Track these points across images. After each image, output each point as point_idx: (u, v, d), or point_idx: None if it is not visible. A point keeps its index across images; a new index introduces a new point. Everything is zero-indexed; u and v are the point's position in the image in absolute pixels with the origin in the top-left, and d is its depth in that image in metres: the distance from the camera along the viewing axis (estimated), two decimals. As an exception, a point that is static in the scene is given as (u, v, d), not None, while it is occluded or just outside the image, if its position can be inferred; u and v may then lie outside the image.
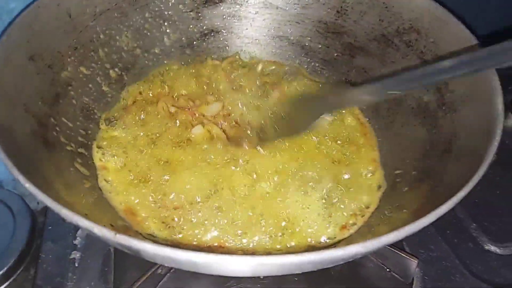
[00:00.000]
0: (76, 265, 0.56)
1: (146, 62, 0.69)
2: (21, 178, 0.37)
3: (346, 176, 0.58)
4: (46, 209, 0.98)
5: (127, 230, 0.51)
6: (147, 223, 0.53)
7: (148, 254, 0.34)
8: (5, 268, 0.81)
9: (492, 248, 0.61)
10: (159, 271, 0.52)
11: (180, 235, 0.52)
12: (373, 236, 0.35)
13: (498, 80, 0.49)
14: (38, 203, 0.99)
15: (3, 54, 0.49)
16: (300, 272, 0.45)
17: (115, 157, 0.58)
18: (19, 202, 0.90)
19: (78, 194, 0.50)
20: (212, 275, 0.54)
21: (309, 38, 0.72)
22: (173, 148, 0.59)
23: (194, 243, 0.51)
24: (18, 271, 0.85)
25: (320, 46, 0.72)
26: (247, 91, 0.66)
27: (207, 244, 0.51)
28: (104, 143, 0.60)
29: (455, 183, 0.41)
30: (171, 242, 0.51)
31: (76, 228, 0.60)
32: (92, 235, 0.36)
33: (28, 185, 0.37)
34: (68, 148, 0.54)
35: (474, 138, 0.48)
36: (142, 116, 0.63)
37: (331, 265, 0.40)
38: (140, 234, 0.51)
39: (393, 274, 0.56)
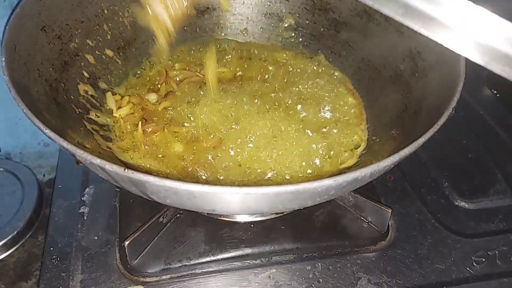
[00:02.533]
0: (85, 218, 0.62)
1: (146, 38, 0.75)
2: (41, 126, 0.42)
3: (334, 131, 0.65)
4: (52, 180, 1.04)
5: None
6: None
7: (152, 186, 0.40)
8: (15, 232, 0.88)
9: (462, 204, 0.67)
10: (161, 219, 0.58)
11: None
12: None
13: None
14: (44, 175, 1.05)
15: (18, 24, 0.54)
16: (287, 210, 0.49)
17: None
18: (27, 172, 0.96)
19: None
20: (208, 223, 0.61)
21: (297, 15, 0.78)
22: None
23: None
24: (27, 237, 0.91)
25: (307, 22, 0.77)
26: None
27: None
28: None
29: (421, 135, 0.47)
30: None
31: (84, 185, 0.66)
32: (103, 173, 0.42)
33: (47, 131, 0.42)
34: (77, 111, 0.60)
35: (440, 99, 0.53)
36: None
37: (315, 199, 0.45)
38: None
39: (370, 224, 0.62)
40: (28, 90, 0.50)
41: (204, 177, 0.58)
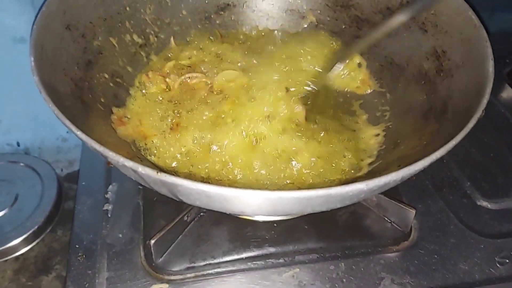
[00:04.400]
0: (109, 215, 0.62)
1: (168, 34, 0.75)
2: (73, 128, 0.42)
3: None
4: (71, 175, 1.05)
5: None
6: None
7: (185, 189, 0.40)
8: (36, 227, 0.89)
9: (484, 203, 0.67)
10: (185, 218, 0.59)
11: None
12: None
13: (490, 47, 0.54)
14: (62, 169, 1.06)
15: (44, 23, 0.54)
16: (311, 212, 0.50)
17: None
18: (46, 167, 0.97)
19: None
20: (231, 222, 0.61)
21: (318, 11, 0.77)
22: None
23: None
24: (47, 231, 0.93)
25: (329, 19, 0.77)
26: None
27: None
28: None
29: (448, 139, 0.47)
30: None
31: (107, 183, 0.66)
32: (134, 175, 0.42)
33: (79, 133, 0.42)
34: (102, 109, 0.60)
35: (467, 99, 0.53)
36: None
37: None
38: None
39: (393, 224, 0.62)
40: (56, 90, 0.50)
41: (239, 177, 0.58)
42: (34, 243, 0.90)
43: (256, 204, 0.41)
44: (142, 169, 0.40)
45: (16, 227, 0.88)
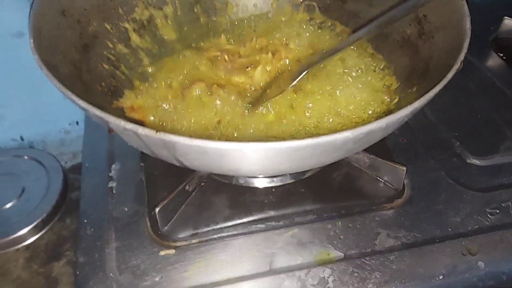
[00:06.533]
0: (114, 192, 0.65)
1: (160, 21, 0.77)
2: (74, 97, 0.45)
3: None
4: (75, 167, 1.07)
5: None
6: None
7: (182, 147, 0.43)
8: (44, 215, 0.92)
9: (474, 161, 0.69)
10: (187, 188, 0.61)
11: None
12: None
13: (466, 5, 0.57)
14: (66, 162, 1.09)
15: (40, 10, 0.57)
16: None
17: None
18: (50, 159, 1.00)
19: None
20: (230, 190, 0.64)
21: (303, -11, 0.80)
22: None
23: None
24: (55, 220, 0.95)
25: (313, -5, 0.79)
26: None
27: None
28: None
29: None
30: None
31: (110, 163, 0.69)
32: (135, 138, 0.45)
33: (80, 102, 0.45)
34: (100, 89, 0.63)
35: (447, 57, 0.56)
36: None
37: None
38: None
39: (386, 183, 0.65)
40: (56, 70, 0.53)
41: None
42: (43, 232, 0.93)
43: (249, 158, 0.44)
44: (142, 130, 0.42)
45: (25, 217, 0.91)
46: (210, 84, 0.65)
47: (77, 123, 1.05)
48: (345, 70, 0.68)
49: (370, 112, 0.63)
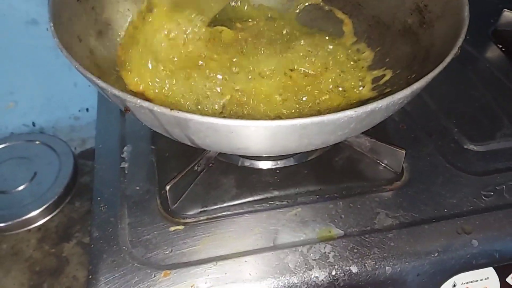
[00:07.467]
0: (126, 172, 0.68)
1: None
2: (93, 78, 0.48)
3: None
4: (85, 152, 1.11)
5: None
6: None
7: (195, 124, 0.45)
8: (56, 197, 0.95)
9: (471, 146, 0.72)
10: (196, 168, 0.64)
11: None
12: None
13: (465, -6, 0.60)
14: (75, 148, 1.12)
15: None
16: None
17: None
18: (61, 144, 1.04)
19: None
20: (237, 171, 0.67)
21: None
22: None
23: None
24: (65, 202, 0.99)
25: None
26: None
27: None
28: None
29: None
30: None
31: (122, 145, 0.72)
32: (150, 116, 0.48)
33: (99, 82, 0.48)
34: (114, 74, 0.66)
35: (447, 44, 0.58)
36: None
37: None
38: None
39: (386, 166, 0.68)
40: (74, 53, 0.56)
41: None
42: (54, 213, 0.96)
43: (257, 136, 0.47)
44: (157, 108, 0.45)
45: (37, 199, 0.94)
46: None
47: (87, 110, 1.08)
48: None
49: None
